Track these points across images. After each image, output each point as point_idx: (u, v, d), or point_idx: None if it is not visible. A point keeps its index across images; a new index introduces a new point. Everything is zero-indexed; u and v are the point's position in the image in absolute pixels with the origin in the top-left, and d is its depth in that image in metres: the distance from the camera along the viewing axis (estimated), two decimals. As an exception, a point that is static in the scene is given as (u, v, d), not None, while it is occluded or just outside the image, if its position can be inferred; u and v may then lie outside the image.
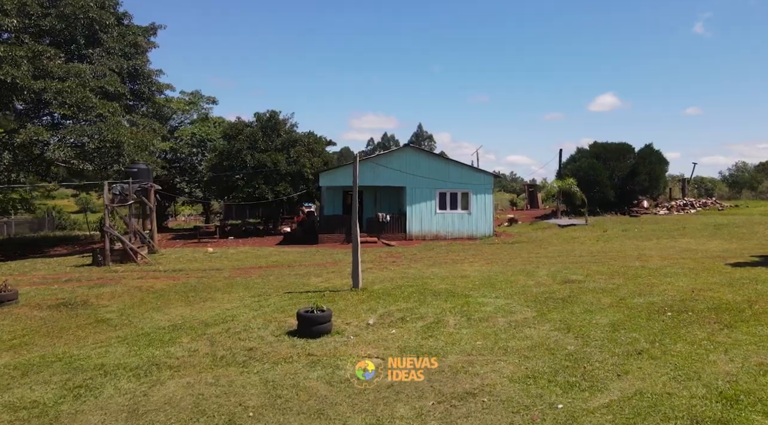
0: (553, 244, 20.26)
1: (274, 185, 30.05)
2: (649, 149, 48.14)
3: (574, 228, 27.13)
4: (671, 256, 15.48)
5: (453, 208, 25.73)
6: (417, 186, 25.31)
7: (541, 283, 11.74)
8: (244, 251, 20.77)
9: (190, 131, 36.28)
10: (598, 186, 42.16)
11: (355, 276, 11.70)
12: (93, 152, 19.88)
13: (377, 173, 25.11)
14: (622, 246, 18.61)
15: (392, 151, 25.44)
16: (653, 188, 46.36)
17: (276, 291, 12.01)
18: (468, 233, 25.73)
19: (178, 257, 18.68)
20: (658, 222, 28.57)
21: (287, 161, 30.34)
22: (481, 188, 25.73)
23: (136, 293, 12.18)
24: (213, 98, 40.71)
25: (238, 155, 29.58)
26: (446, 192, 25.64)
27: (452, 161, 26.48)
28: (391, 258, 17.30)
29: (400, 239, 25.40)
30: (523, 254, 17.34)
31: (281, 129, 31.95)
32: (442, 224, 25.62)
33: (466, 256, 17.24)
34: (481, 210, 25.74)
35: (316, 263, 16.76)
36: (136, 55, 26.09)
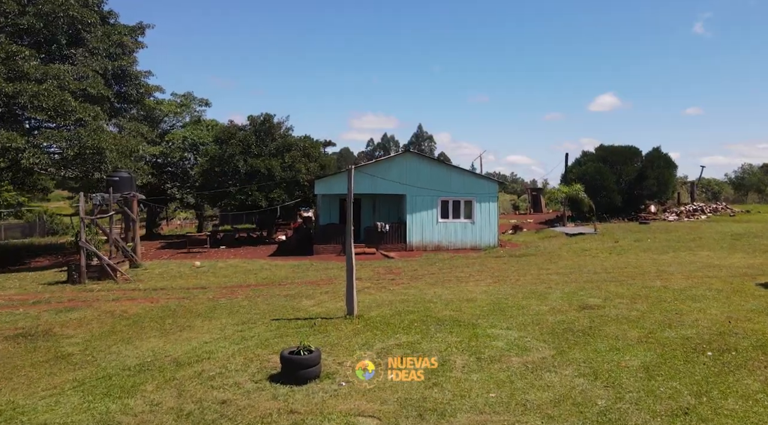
0: (563, 257, 19.21)
1: (268, 191, 29.00)
2: (657, 153, 47.18)
3: (583, 237, 26.09)
4: (694, 274, 14.43)
5: (456, 217, 24.69)
6: (418, 194, 24.27)
7: (556, 309, 10.70)
8: (234, 265, 19.72)
9: (182, 135, 35.24)
10: (605, 191, 41.18)
11: (350, 301, 10.65)
12: (72, 159, 18.83)
13: (376, 180, 24.06)
14: (637, 260, 17.56)
15: (392, 157, 24.43)
16: (662, 193, 45.34)
17: (262, 318, 10.96)
18: (471, 243, 24.68)
19: (161, 273, 17.63)
20: (670, 231, 27.53)
21: (282, 166, 29.31)
22: (486, 195, 24.69)
23: (108, 319, 11.13)
24: (206, 100, 39.78)
25: (230, 160, 28.55)
26: (448, 200, 24.61)
27: (455, 167, 25.43)
28: (390, 275, 16.26)
29: (400, 250, 24.36)
30: (532, 270, 16.29)
31: (276, 133, 30.91)
32: (444, 234, 24.58)
33: (471, 272, 16.20)
34: (486, 219, 24.70)
35: (309, 280, 15.72)
36: (122, 56, 25.08)
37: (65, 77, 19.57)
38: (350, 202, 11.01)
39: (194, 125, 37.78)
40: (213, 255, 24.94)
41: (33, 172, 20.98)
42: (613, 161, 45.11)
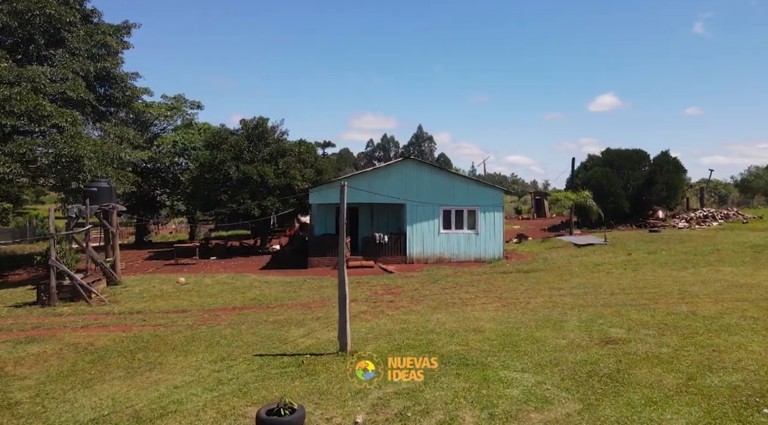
0: (574, 273, 18.10)
1: (261, 199, 27.90)
2: (665, 157, 46.16)
3: (593, 249, 24.98)
4: (721, 296, 13.33)
5: (459, 227, 23.59)
6: (418, 203, 23.17)
7: (575, 343, 9.58)
8: (221, 281, 18.59)
9: (172, 139, 34.13)
10: (612, 197, 40.12)
11: (343, 335, 9.53)
12: (47, 168, 17.72)
13: (373, 189, 22.97)
14: (656, 278, 16.45)
15: (390, 164, 23.35)
16: (671, 199, 44.27)
17: (245, 352, 9.84)
18: (475, 255, 23.56)
19: (141, 292, 16.50)
20: (684, 241, 26.42)
21: (276, 173, 28.22)
22: (490, 205, 23.59)
23: (70, 354, 9.99)
24: (197, 103, 38.66)
25: (221, 166, 27.45)
26: (451, 210, 23.50)
27: (458, 174, 24.33)
28: (389, 295, 15.14)
29: (400, 263, 23.25)
30: (543, 290, 15.18)
31: (269, 138, 29.82)
32: (446, 246, 23.47)
33: (477, 293, 15.07)
34: (490, 230, 23.60)
35: (301, 302, 14.59)
36: (106, 57, 23.98)
37: (41, 80, 18.46)
38: (343, 223, 9.90)
39: (185, 128, 36.68)
40: (201, 268, 23.81)
41: (4, 181, 19.85)
42: (620, 166, 44.07)
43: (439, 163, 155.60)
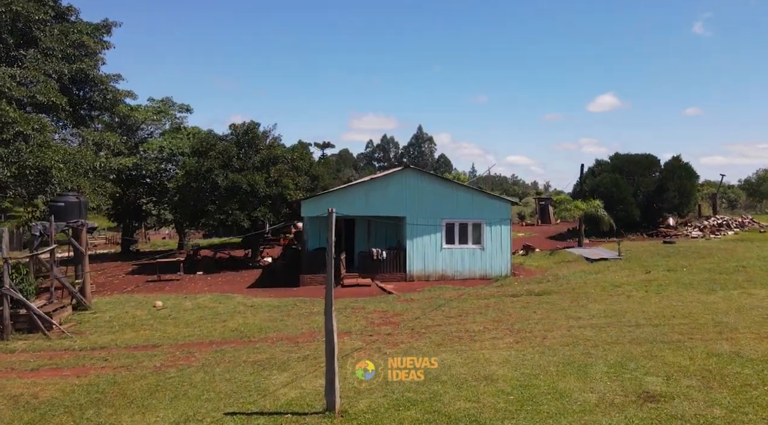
0: (591, 296, 16.65)
1: (251, 210, 26.47)
2: (677, 162, 44.77)
3: (607, 264, 23.53)
4: (765, 330, 11.90)
5: (463, 242, 22.15)
6: (419, 216, 21.74)
7: (607, 400, 8.16)
8: (203, 304, 17.13)
9: (158, 144, 32.69)
10: (622, 204, 38.73)
11: (330, 392, 8.09)
12: (9, 181, 16.29)
13: (370, 200, 21.57)
14: (683, 304, 15.01)
15: (389, 174, 21.92)
16: (684, 206, 42.85)
17: (214, 409, 8.41)
18: (481, 272, 22.13)
19: (111, 319, 15.04)
20: (704, 255, 24.94)
21: (267, 181, 26.78)
22: (497, 218, 22.17)
23: (6, 412, 8.55)
24: (186, 106, 37.24)
25: (208, 175, 26.00)
26: (454, 223, 22.08)
27: (462, 185, 22.87)
28: (387, 325, 13.69)
29: (399, 280, 21.80)
30: (559, 319, 13.74)
31: (260, 144, 28.39)
32: (449, 262, 22.03)
33: (486, 322, 13.63)
34: (497, 245, 22.16)
35: (288, 334, 13.13)
36: (83, 58, 22.57)
37: (5, 82, 17.04)
38: (330, 252, 8.45)
39: (173, 133, 35.24)
40: (185, 286, 22.36)
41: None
42: (629, 171, 42.70)
43: (440, 164, 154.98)
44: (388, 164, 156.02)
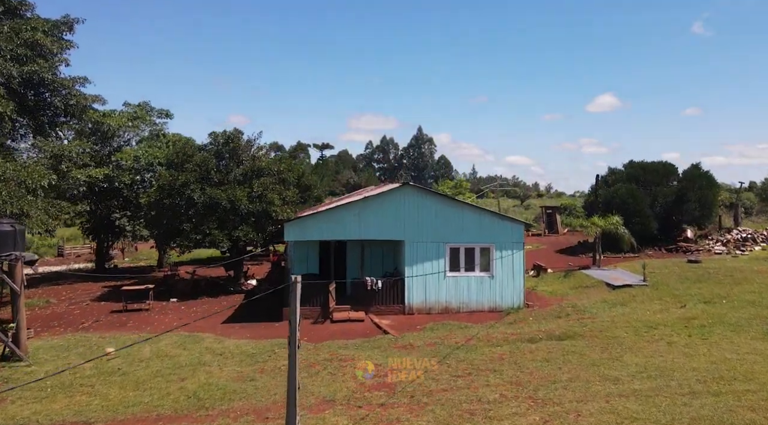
0: (624, 342, 14.29)
1: (231, 229, 24.10)
2: (696, 171, 42.49)
3: (633, 293, 21.18)
4: None
5: (469, 269, 19.81)
6: (420, 239, 19.42)
7: None
8: (164, 352, 14.74)
9: (133, 153, 30.32)
10: (638, 217, 36.36)
11: None
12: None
13: (364, 222, 19.24)
14: (740, 357, 12.69)
15: (385, 192, 19.55)
16: (705, 219, 40.53)
17: None
18: (490, 303, 19.79)
19: (47, 376, 12.64)
20: (739, 281, 22.56)
21: (250, 197, 24.44)
22: (508, 241, 19.83)
23: None
24: (166, 111, 34.88)
25: (183, 190, 23.62)
26: (460, 248, 19.74)
27: (468, 204, 20.45)
28: (381, 389, 11.33)
29: (397, 313, 19.46)
30: (592, 380, 11.41)
31: (243, 155, 26.04)
32: (454, 292, 19.68)
33: (502, 386, 11.27)
34: (508, 272, 19.83)
35: (256, 405, 10.78)
36: (36, 58, 20.25)
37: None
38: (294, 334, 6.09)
39: (151, 140, 32.89)
40: (152, 319, 20.01)
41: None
42: (645, 181, 40.40)
43: (440, 165, 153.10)
44: (387, 165, 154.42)
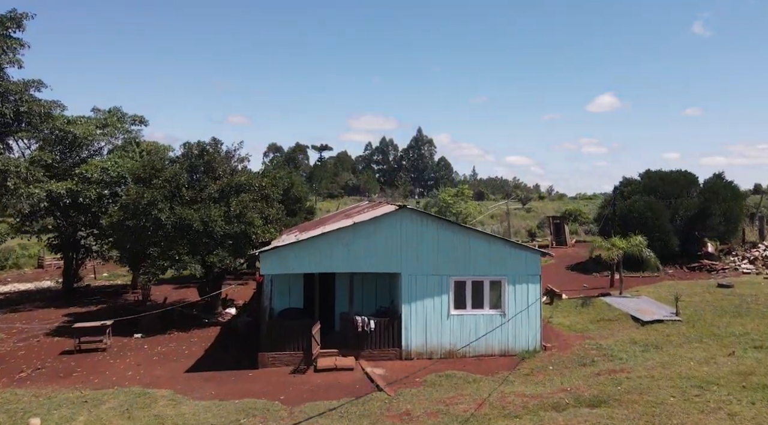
0: (674, 414, 11.83)
1: (205, 254, 21.62)
2: (719, 181, 40.10)
3: (666, 332, 18.76)
4: None
5: (477, 306, 17.37)
6: (419, 272, 17.00)
7: None
8: (102, 420, 12.24)
9: (101, 165, 27.82)
10: (658, 232, 33.97)
11: None
12: None
13: (354, 251, 16.81)
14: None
15: (379, 217, 17.04)
16: (730, 234, 38.12)
17: None
18: (501, 346, 17.35)
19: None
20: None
21: (226, 217, 21.98)
22: (522, 273, 17.40)
23: None
24: (140, 117, 32.35)
25: (150, 209, 21.14)
26: (466, 281, 17.31)
27: (475, 231, 17.92)
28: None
29: (393, 358, 17.02)
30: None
31: (219, 169, 23.55)
32: (459, 333, 17.23)
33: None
34: (522, 309, 17.40)
35: None
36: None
37: None
38: None
39: (122, 150, 30.39)
40: (105, 366, 17.57)
41: None
42: (664, 192, 37.98)
43: (440, 167, 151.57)
44: (387, 166, 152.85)
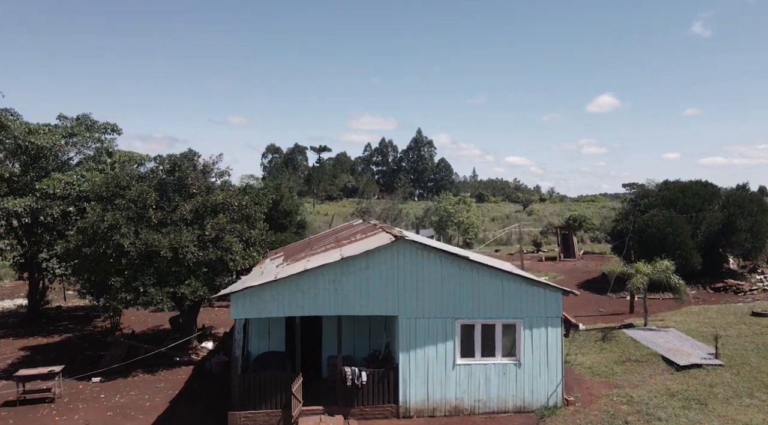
0: None
1: (174, 285, 19.32)
2: (744, 193, 37.94)
3: (708, 381, 16.50)
4: None
5: (487, 354, 15.07)
6: (420, 314, 14.72)
7: None
8: None
9: (64, 180, 25.50)
10: (679, 250, 31.71)
11: None
12: None
13: (343, 291, 14.52)
14: None
15: (371, 251, 14.68)
16: (758, 251, 35.87)
17: None
18: (515, 401, 15.05)
19: None
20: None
21: (201, 240, 19.70)
22: (541, 315, 15.11)
23: None
24: (113, 125, 29.99)
25: (111, 234, 18.83)
26: (475, 324, 15.00)
27: (486, 266, 15.45)
28: None
29: (389, 417, 14.73)
30: None
31: (193, 186, 21.22)
32: (467, 386, 14.93)
33: None
34: (540, 356, 15.12)
35: None
36: None
37: None
38: None
39: (92, 161, 28.08)
40: (51, 422, 15.19)
41: None
42: (684, 205, 35.68)
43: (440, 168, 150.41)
44: (386, 167, 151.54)
